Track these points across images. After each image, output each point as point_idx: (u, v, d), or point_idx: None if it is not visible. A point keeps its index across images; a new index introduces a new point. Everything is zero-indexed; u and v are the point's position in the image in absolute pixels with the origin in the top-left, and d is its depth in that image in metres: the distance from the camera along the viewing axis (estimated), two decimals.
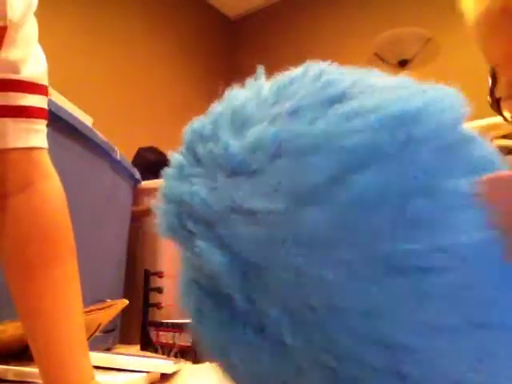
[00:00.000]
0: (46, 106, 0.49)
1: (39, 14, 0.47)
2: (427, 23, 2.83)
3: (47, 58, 0.49)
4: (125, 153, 1.15)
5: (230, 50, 3.61)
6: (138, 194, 1.31)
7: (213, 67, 3.40)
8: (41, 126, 0.48)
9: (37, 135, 0.48)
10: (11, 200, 0.46)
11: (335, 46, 3.13)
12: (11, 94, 0.45)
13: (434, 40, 2.79)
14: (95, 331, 0.71)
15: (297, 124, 0.26)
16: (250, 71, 0.35)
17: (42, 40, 0.48)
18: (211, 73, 3.36)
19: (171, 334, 0.91)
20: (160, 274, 1.11)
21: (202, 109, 0.33)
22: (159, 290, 1.11)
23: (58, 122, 0.84)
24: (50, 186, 0.48)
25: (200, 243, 0.27)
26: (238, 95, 0.31)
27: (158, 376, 0.57)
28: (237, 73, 3.83)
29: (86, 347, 0.44)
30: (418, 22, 2.87)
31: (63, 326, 0.43)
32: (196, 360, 0.77)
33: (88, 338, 0.70)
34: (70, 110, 0.89)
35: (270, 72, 0.36)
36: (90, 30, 2.33)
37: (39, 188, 0.47)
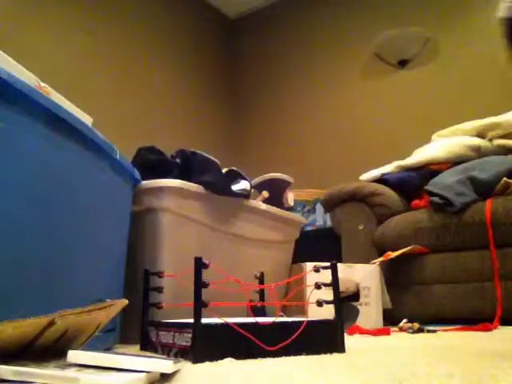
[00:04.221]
0: None
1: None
2: (427, 23, 2.83)
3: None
4: (125, 153, 1.15)
5: (230, 50, 3.61)
6: (138, 194, 1.31)
7: (212, 67, 3.40)
8: None
9: None
10: None
11: (335, 46, 3.13)
12: None
13: (434, 40, 2.79)
14: (95, 331, 0.71)
15: None
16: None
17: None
18: (211, 72, 3.36)
19: (171, 333, 0.91)
20: (160, 274, 1.10)
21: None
22: (159, 290, 1.10)
23: (57, 122, 0.84)
24: None
25: None
26: None
27: (158, 376, 0.57)
28: (237, 73, 3.83)
29: None
30: (418, 22, 2.87)
31: None
32: (196, 360, 0.77)
33: (88, 338, 0.70)
34: (70, 110, 0.89)
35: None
36: (89, 31, 2.33)
37: None
